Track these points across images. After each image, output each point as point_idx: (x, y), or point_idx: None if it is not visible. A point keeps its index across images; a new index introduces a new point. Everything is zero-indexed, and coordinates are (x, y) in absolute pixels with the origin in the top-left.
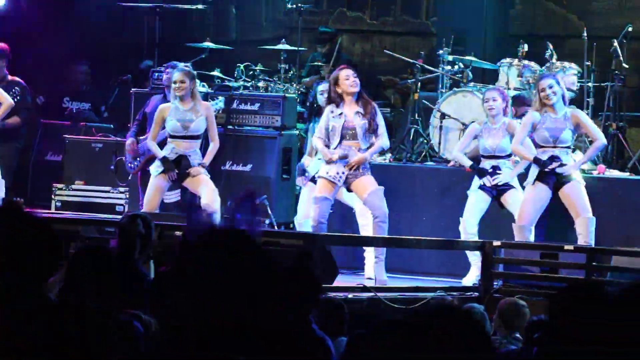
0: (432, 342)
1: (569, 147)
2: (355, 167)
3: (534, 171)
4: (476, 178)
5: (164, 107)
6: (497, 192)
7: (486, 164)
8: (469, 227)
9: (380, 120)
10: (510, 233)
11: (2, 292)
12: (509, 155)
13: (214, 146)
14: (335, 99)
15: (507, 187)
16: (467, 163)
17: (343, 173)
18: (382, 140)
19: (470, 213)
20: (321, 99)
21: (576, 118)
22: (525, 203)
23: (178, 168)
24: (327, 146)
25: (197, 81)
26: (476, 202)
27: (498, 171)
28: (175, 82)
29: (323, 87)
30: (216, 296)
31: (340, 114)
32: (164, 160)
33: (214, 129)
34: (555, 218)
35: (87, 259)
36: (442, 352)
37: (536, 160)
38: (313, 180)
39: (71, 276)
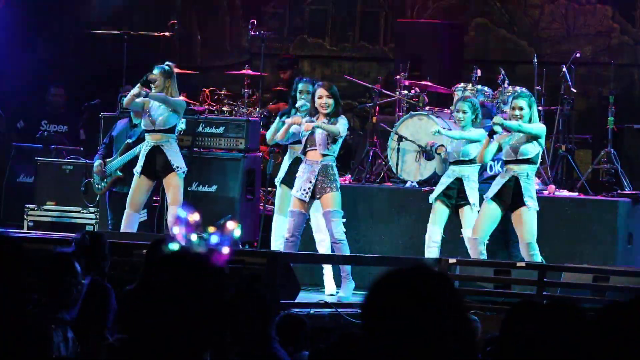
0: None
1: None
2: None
3: (494, 187)
4: (437, 188)
5: (145, 100)
6: (455, 205)
7: (450, 173)
8: (433, 236)
9: (340, 122)
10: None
11: None
12: (472, 161)
13: None
14: (312, 112)
15: (464, 202)
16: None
17: (309, 188)
18: (338, 126)
19: (434, 221)
20: (299, 97)
21: None
22: (480, 218)
23: (154, 163)
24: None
25: (174, 80)
26: (438, 211)
27: (463, 189)
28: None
29: (302, 86)
30: (178, 314)
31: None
32: (140, 83)
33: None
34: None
35: None
36: None
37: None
38: (284, 182)
39: None
